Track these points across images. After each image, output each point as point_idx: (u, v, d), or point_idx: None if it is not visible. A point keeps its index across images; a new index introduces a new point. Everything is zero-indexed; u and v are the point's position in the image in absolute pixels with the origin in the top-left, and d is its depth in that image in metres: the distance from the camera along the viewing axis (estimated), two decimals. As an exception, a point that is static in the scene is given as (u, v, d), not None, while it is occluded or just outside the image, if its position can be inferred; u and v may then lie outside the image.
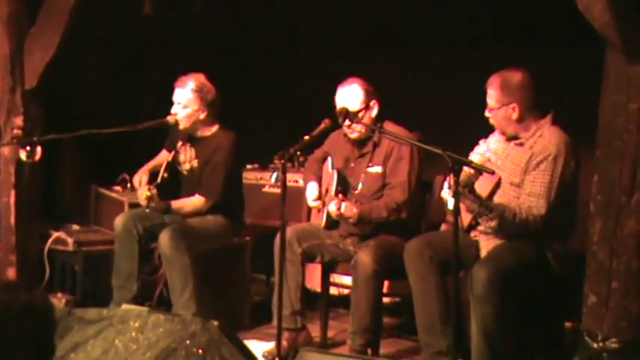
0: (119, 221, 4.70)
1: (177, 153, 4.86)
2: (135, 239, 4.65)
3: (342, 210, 4.10)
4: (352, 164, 4.47)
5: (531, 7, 4.94)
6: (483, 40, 5.34)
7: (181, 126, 4.72)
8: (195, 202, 4.70)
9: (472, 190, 3.70)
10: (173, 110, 4.69)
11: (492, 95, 3.86)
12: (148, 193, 4.46)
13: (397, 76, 5.45)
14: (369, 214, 4.20)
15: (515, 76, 3.84)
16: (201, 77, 4.71)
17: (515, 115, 3.83)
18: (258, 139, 5.30)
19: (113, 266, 4.71)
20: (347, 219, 4.18)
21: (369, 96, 4.34)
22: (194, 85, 4.67)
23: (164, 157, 4.94)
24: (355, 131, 4.38)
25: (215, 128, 4.78)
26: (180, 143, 4.87)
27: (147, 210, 4.56)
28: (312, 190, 4.50)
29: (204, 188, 4.71)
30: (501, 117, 3.87)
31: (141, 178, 4.74)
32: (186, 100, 4.66)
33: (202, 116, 4.70)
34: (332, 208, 4.13)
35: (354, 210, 4.12)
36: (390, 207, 4.23)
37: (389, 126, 4.34)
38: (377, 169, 4.36)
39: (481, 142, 4.00)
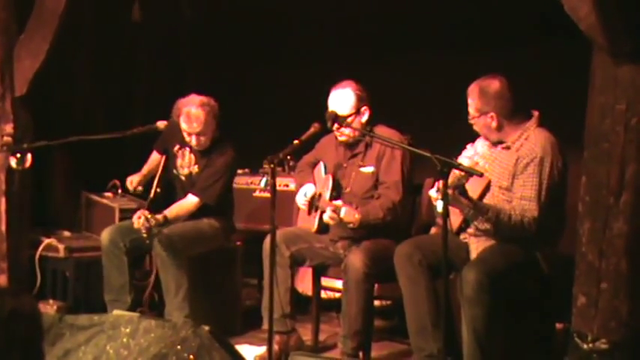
0: (105, 235, 4.65)
1: (174, 157, 4.86)
2: (122, 252, 4.62)
3: (343, 215, 4.07)
4: (345, 165, 4.47)
5: (518, 6, 4.96)
6: (472, 43, 5.35)
7: (202, 148, 4.73)
8: (188, 205, 4.70)
9: (463, 192, 3.70)
10: (194, 142, 4.68)
11: (472, 104, 3.90)
12: (147, 224, 4.34)
13: (387, 79, 5.45)
14: (367, 218, 4.18)
15: (492, 85, 3.85)
16: (201, 98, 4.69)
17: (494, 124, 3.86)
18: (247, 143, 5.28)
19: (104, 282, 4.67)
20: (347, 224, 4.16)
21: (360, 101, 4.34)
22: (207, 109, 4.65)
23: (156, 159, 4.93)
24: (344, 134, 4.38)
25: (217, 136, 4.80)
26: (177, 147, 4.86)
27: (144, 234, 4.45)
28: (308, 190, 4.48)
29: (201, 189, 4.70)
30: (482, 125, 3.90)
31: (132, 180, 4.73)
32: (206, 125, 4.65)
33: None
34: (329, 214, 4.09)
35: (356, 216, 4.11)
36: (386, 207, 4.22)
37: (381, 129, 4.32)
38: (369, 169, 4.37)
39: (468, 146, 4.04)
